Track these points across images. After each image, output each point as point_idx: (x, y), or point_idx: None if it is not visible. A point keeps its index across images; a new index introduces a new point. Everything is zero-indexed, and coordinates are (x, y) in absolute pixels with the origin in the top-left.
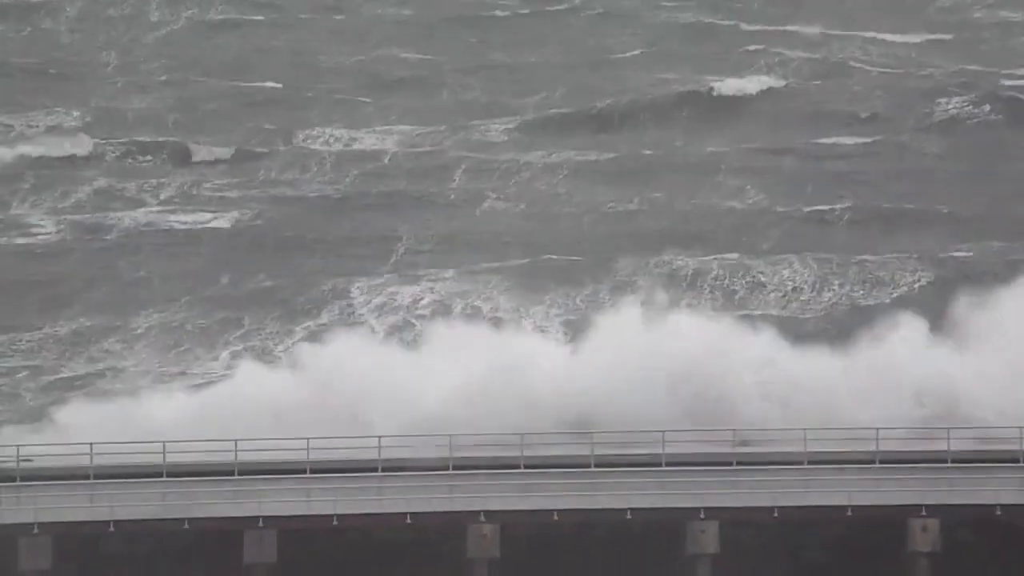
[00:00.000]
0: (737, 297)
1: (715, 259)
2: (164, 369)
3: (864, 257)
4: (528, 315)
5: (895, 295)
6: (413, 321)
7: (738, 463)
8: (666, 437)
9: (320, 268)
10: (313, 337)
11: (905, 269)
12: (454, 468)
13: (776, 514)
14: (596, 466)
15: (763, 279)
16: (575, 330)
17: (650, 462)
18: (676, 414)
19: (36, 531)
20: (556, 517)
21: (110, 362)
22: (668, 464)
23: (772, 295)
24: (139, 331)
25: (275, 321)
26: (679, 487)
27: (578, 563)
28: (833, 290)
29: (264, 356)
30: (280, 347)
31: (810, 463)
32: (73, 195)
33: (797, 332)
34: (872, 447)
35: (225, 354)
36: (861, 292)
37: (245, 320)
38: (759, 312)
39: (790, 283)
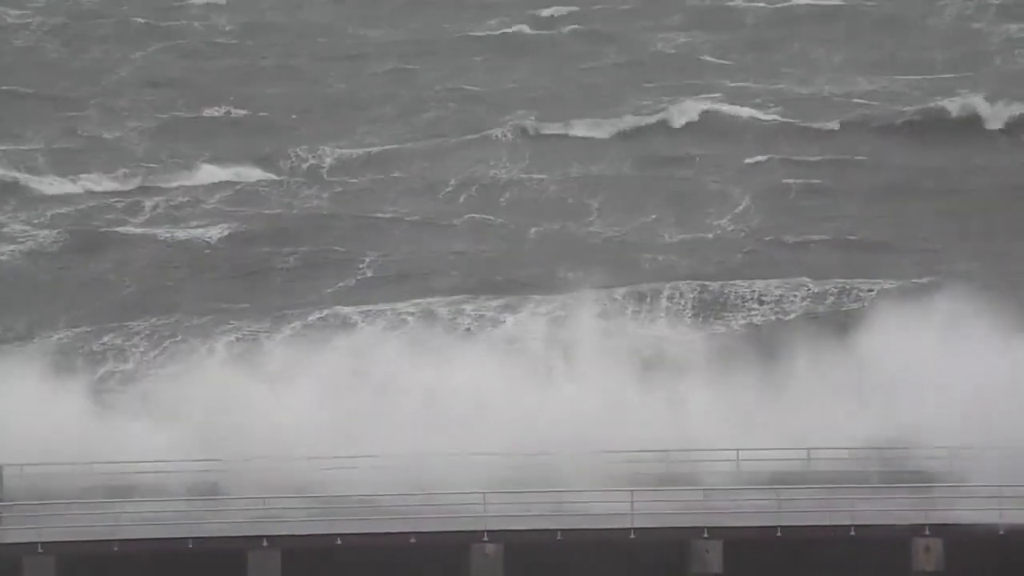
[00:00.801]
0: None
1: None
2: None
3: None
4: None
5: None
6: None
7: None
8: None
9: (300, 282)
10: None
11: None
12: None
13: (779, 533)
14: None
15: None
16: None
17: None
18: None
19: (40, 550)
20: (560, 536)
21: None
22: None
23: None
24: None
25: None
26: (683, 507)
27: None
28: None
29: None
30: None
31: (813, 482)
32: (57, 211)
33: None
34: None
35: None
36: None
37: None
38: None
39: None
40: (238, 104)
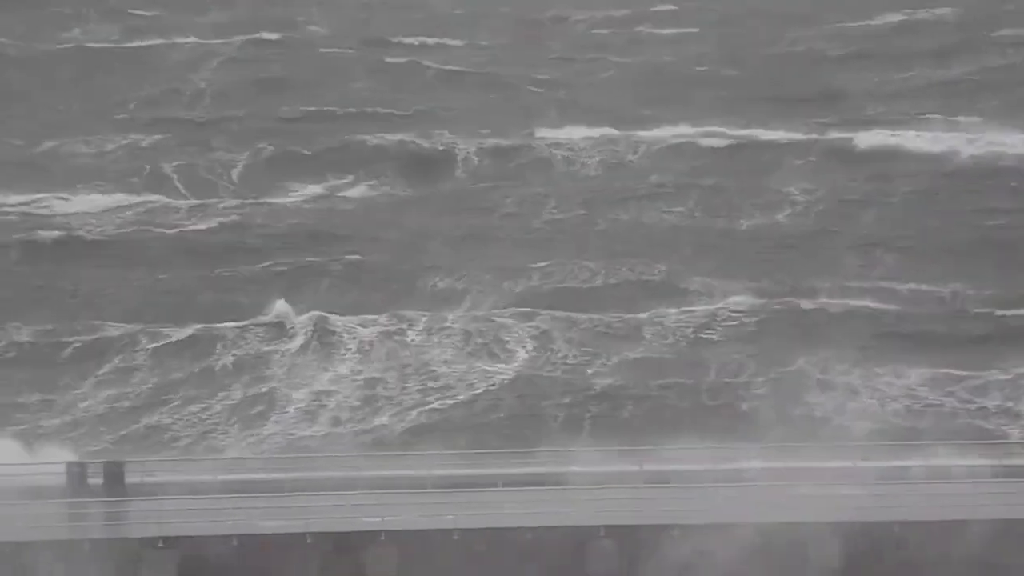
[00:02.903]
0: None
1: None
2: None
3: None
4: None
5: None
6: None
7: None
8: None
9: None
10: None
11: None
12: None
13: None
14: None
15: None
16: None
17: None
18: None
19: (161, 545)
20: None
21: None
22: None
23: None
24: None
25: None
26: None
27: None
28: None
29: None
30: None
31: None
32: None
33: None
34: None
35: None
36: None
37: None
38: None
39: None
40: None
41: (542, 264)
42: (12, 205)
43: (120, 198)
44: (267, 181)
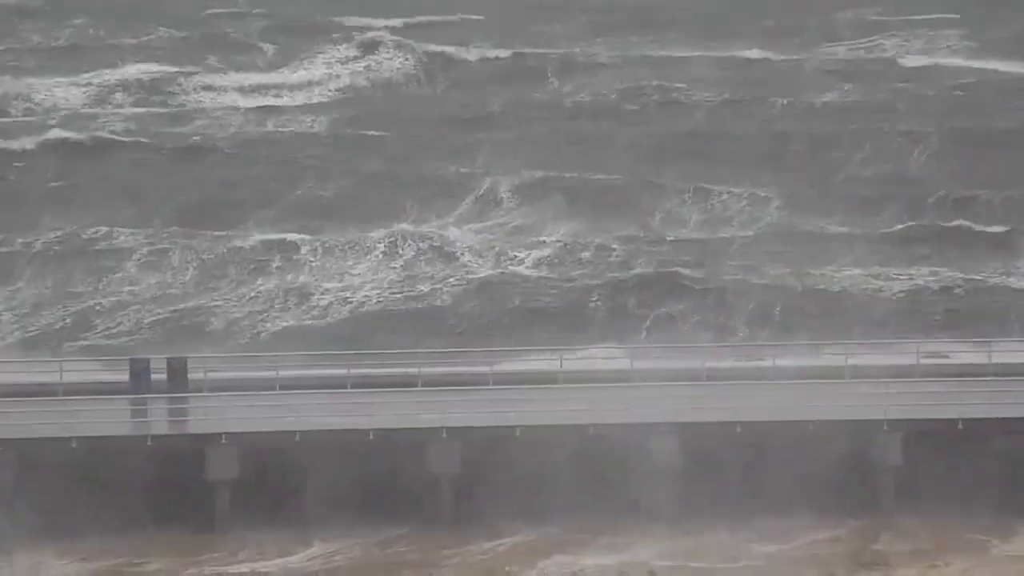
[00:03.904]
0: None
1: None
2: None
3: None
4: None
5: None
6: None
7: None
8: None
9: None
10: None
11: None
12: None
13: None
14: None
15: None
16: None
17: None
18: None
19: (224, 441)
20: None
21: None
22: None
23: None
24: None
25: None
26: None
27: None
28: None
29: None
30: None
31: None
32: None
33: None
34: None
35: None
36: None
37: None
38: None
39: None
40: None
41: (567, 165)
42: (47, 92)
43: (146, 91)
44: (297, 74)
